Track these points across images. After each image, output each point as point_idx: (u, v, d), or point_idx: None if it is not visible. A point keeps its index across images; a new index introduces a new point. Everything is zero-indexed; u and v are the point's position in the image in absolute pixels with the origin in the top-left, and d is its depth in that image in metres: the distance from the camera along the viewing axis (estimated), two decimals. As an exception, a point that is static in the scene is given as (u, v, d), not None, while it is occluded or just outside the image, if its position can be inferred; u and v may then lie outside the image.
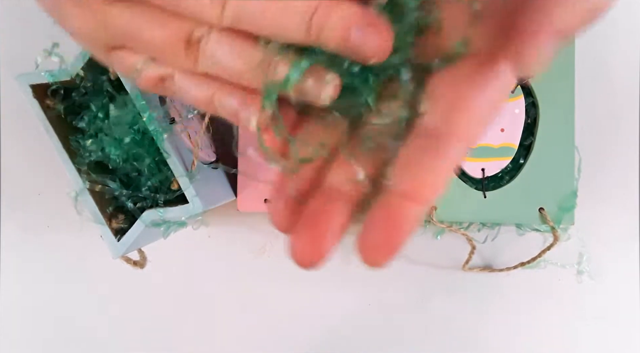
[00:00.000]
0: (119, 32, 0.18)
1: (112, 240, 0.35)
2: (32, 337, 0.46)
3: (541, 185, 0.37)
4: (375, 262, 0.19)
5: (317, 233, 0.19)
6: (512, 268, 0.40)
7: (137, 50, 0.19)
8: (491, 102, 0.18)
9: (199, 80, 0.19)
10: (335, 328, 0.43)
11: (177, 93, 0.20)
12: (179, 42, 0.18)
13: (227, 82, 0.19)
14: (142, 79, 0.20)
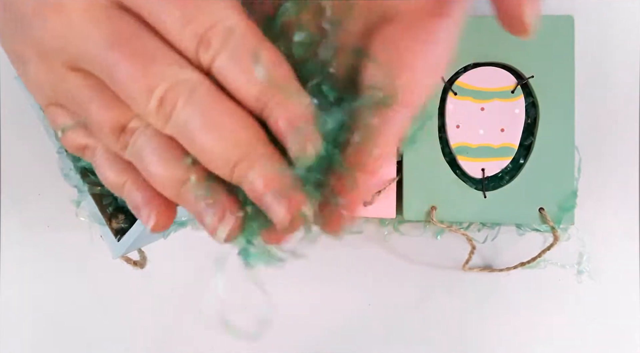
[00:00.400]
0: (66, 95, 0.19)
1: (112, 240, 0.35)
2: (32, 337, 0.46)
3: (541, 185, 0.37)
4: (338, 227, 0.21)
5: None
6: (512, 268, 0.40)
7: (72, 116, 0.20)
8: (436, 56, 0.19)
9: (117, 164, 0.20)
10: (335, 328, 0.43)
11: (94, 165, 0.21)
12: (116, 125, 0.18)
13: (142, 177, 0.19)
14: (66, 139, 0.20)
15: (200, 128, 0.17)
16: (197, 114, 0.17)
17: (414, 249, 0.42)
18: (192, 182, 0.18)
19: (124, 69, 0.17)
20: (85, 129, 0.20)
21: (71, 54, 0.18)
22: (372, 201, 0.38)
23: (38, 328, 0.46)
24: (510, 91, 0.37)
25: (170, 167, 0.18)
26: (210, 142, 0.17)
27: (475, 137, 0.37)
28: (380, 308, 0.43)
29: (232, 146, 0.17)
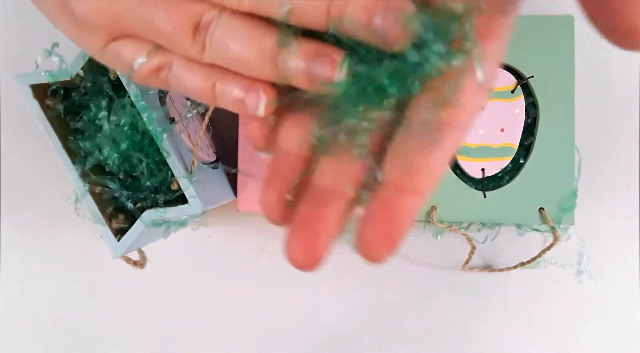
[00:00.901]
0: (128, 15, 0.18)
1: (112, 240, 0.35)
2: (32, 337, 0.46)
3: (541, 185, 0.37)
4: (375, 257, 0.19)
5: (311, 235, 0.19)
6: (512, 268, 0.40)
7: (144, 36, 0.19)
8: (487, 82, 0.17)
9: (200, 68, 0.19)
10: (335, 328, 0.43)
11: (173, 83, 0.20)
12: (188, 26, 0.18)
13: (230, 71, 0.19)
14: (140, 69, 0.19)
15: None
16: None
17: (414, 249, 0.42)
18: (289, 47, 0.17)
19: None
20: (156, 50, 0.19)
21: None
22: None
23: (38, 328, 0.46)
24: (510, 91, 0.37)
25: (260, 41, 0.17)
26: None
27: (475, 137, 0.37)
28: (380, 308, 0.43)
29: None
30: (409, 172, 0.18)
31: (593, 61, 0.41)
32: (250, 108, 0.19)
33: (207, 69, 0.19)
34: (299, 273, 0.46)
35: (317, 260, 0.19)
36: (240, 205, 0.40)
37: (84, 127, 0.35)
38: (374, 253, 0.19)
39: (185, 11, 0.17)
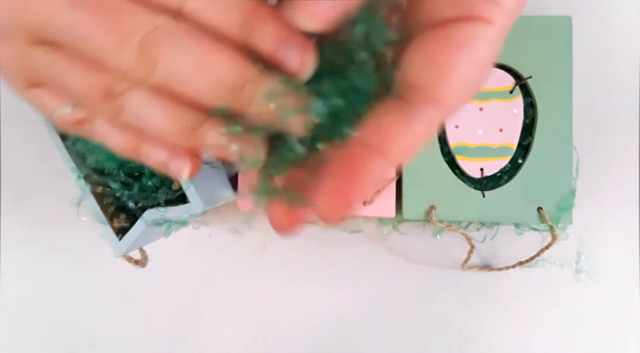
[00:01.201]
0: (41, 71, 0.18)
1: (114, 239, 0.35)
2: (33, 336, 0.46)
3: (539, 185, 0.37)
4: (330, 215, 0.18)
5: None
6: (511, 267, 0.40)
7: (57, 92, 0.18)
8: (480, 63, 0.18)
9: (122, 129, 0.19)
10: (335, 328, 0.43)
11: (98, 137, 0.19)
12: (104, 90, 0.17)
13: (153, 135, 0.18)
14: (61, 119, 0.19)
15: (192, 68, 0.16)
16: (183, 56, 0.16)
17: (413, 248, 0.42)
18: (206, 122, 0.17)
19: (92, 26, 0.16)
20: (74, 106, 0.18)
21: (33, 24, 0.16)
22: (371, 200, 0.38)
23: (39, 328, 0.46)
24: (508, 91, 0.37)
25: (176, 116, 0.17)
26: (204, 78, 0.16)
27: (474, 137, 0.38)
28: (379, 308, 0.43)
29: (228, 74, 0.16)
30: (382, 135, 0.18)
31: (591, 61, 0.41)
32: (175, 173, 0.19)
33: (131, 130, 0.19)
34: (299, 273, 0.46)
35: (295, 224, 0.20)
36: (240, 205, 0.40)
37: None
38: (330, 210, 0.18)
39: (101, 75, 0.17)
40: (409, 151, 0.18)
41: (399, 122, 0.18)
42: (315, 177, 0.18)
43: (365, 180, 0.18)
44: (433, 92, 0.18)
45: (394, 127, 0.18)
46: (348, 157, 0.18)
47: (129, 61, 0.16)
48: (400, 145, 0.18)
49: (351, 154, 0.18)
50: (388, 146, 0.18)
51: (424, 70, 0.18)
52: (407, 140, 0.18)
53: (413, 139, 0.18)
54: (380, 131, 0.18)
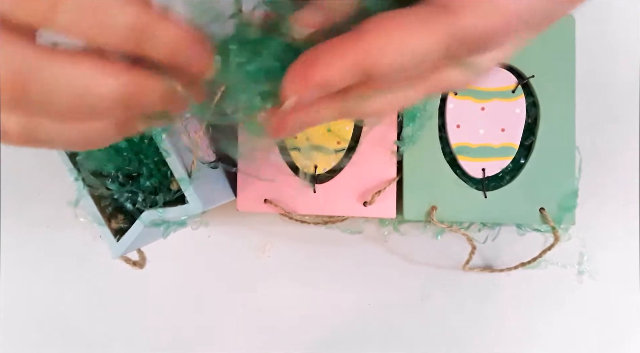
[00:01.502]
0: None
1: (112, 240, 0.35)
2: (32, 337, 0.46)
3: (542, 185, 0.37)
4: (289, 91, 0.17)
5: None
6: (513, 268, 0.40)
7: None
8: None
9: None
10: (335, 328, 0.43)
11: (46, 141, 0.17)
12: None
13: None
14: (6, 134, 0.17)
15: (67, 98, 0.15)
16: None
17: (414, 249, 0.42)
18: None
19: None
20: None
21: None
22: (372, 201, 0.37)
23: (38, 328, 0.46)
24: (510, 91, 0.37)
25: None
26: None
27: (475, 136, 0.37)
28: (380, 308, 0.43)
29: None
30: (369, 24, 0.16)
31: (594, 61, 0.41)
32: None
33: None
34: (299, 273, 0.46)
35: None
36: (240, 205, 0.39)
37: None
38: (289, 86, 0.17)
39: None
40: (393, 48, 0.15)
41: (396, 18, 0.16)
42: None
43: (334, 62, 0.16)
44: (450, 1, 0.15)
45: (388, 19, 0.16)
46: (328, 41, 0.16)
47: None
48: (383, 35, 0.15)
49: (332, 39, 0.16)
50: (369, 32, 0.16)
51: None
52: (394, 35, 0.15)
53: (403, 37, 0.15)
54: (374, 19, 0.16)
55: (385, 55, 0.16)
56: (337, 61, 0.16)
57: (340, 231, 0.42)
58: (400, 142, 0.38)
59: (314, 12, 0.18)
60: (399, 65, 0.16)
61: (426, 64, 0.16)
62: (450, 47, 0.16)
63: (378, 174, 0.38)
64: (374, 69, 0.16)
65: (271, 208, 0.39)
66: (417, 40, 0.15)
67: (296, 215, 0.40)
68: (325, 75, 0.16)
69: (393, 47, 0.15)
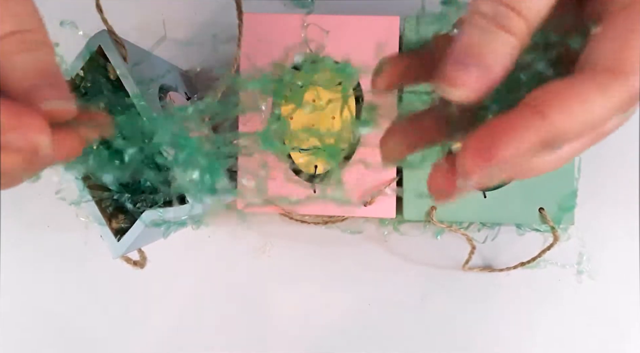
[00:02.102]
0: None
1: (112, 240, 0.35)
2: (32, 337, 0.46)
3: (541, 186, 0.37)
4: (471, 167, 0.17)
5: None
6: (512, 268, 0.40)
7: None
8: None
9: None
10: (335, 328, 0.43)
11: None
12: None
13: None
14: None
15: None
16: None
17: (414, 249, 0.42)
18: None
19: None
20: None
21: None
22: (372, 201, 0.38)
23: (37, 329, 0.46)
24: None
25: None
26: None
27: (475, 137, 0.37)
28: (380, 308, 0.43)
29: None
30: (547, 94, 0.17)
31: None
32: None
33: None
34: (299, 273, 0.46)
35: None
36: (240, 205, 0.40)
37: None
38: (470, 159, 0.17)
39: None
40: (576, 119, 0.16)
41: (571, 88, 0.16)
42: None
43: (517, 137, 0.16)
44: (618, 65, 0.16)
45: (563, 91, 0.16)
46: (504, 114, 0.17)
47: None
48: (565, 109, 0.16)
49: (508, 112, 0.17)
50: (551, 107, 0.16)
51: (613, 50, 0.16)
52: (575, 106, 0.16)
53: (584, 106, 0.16)
54: (547, 91, 0.17)
55: (571, 127, 0.16)
56: (521, 138, 0.16)
57: (340, 231, 0.43)
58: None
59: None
60: (582, 133, 0.17)
61: (602, 125, 0.17)
62: (624, 106, 0.17)
63: (378, 174, 0.38)
64: (559, 141, 0.17)
65: (272, 208, 0.39)
66: (598, 107, 0.16)
67: (296, 215, 0.40)
68: (510, 152, 0.16)
69: (578, 119, 0.16)
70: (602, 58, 0.17)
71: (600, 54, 0.17)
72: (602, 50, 0.17)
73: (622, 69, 0.16)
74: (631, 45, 0.16)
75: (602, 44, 0.17)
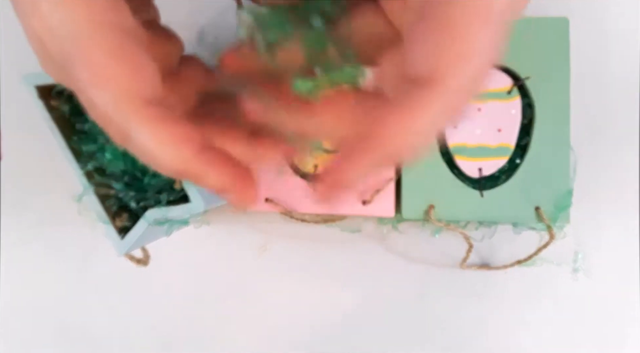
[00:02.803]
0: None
1: (116, 238, 0.35)
2: (34, 335, 0.46)
3: (537, 185, 0.37)
4: (325, 197, 0.20)
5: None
6: (509, 266, 0.41)
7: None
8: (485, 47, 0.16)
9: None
10: (335, 327, 0.43)
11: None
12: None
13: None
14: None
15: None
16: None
17: (412, 247, 0.43)
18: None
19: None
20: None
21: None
22: (370, 200, 0.38)
23: (40, 327, 0.46)
24: (506, 92, 0.38)
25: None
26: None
27: (472, 137, 0.38)
28: (378, 306, 0.43)
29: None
30: (379, 127, 0.18)
31: (588, 62, 0.41)
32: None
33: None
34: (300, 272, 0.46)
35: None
36: (241, 204, 0.40)
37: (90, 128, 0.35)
38: (323, 191, 0.20)
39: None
40: (406, 139, 0.18)
41: (396, 114, 0.17)
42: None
43: (358, 169, 0.19)
44: (433, 73, 0.16)
45: (388, 117, 0.17)
46: (346, 148, 0.19)
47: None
48: (402, 138, 0.17)
49: (350, 144, 0.19)
50: (387, 139, 0.18)
51: (426, 55, 0.17)
52: (400, 132, 0.17)
53: (411, 129, 0.17)
54: (373, 122, 0.18)
55: (406, 148, 0.18)
56: (360, 167, 0.19)
57: (340, 230, 0.43)
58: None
59: None
60: (416, 144, 0.18)
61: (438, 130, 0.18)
62: (452, 111, 0.17)
63: (377, 173, 0.38)
64: (398, 158, 0.18)
65: (272, 207, 0.39)
66: (425, 123, 0.17)
67: (296, 214, 0.40)
68: (352, 179, 0.19)
69: (410, 141, 0.18)
70: (417, 66, 0.17)
71: (415, 60, 0.17)
72: (417, 57, 0.17)
73: (434, 77, 0.16)
74: (443, 46, 0.16)
75: (416, 48, 0.17)
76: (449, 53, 0.16)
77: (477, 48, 0.16)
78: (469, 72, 0.16)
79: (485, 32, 0.16)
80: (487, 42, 0.16)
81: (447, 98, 0.17)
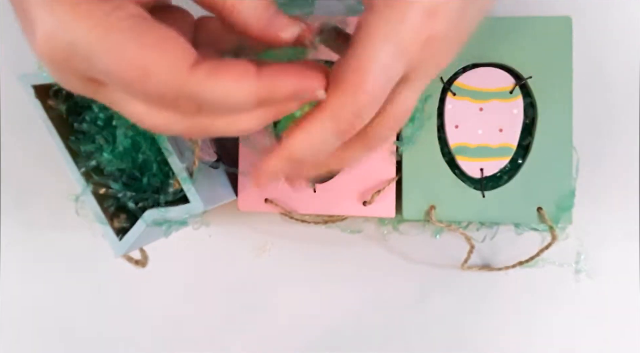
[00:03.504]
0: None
1: (114, 239, 0.35)
2: (33, 336, 0.46)
3: (539, 185, 0.37)
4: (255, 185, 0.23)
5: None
6: (511, 267, 0.41)
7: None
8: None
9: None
10: (335, 328, 0.43)
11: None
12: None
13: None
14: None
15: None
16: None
17: (413, 248, 0.43)
18: None
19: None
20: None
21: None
22: (371, 200, 0.38)
23: (38, 328, 0.46)
24: (508, 92, 0.37)
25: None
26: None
27: (474, 137, 0.38)
28: (379, 307, 0.43)
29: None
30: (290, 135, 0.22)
31: (591, 62, 0.41)
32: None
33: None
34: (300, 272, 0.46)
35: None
36: (240, 205, 0.40)
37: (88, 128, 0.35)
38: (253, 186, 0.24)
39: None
40: (311, 154, 0.21)
41: (308, 122, 0.21)
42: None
43: (270, 171, 0.22)
44: (345, 80, 0.20)
45: (301, 123, 0.21)
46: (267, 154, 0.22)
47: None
48: (300, 141, 0.21)
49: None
50: (289, 141, 0.21)
51: (346, 65, 0.20)
52: (305, 145, 0.21)
53: (308, 143, 0.21)
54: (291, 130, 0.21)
55: (306, 156, 0.22)
56: (272, 168, 0.22)
57: (340, 230, 0.43)
58: (399, 142, 0.38)
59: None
60: (316, 153, 0.22)
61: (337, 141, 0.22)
62: (342, 126, 0.21)
63: (377, 173, 0.38)
64: (303, 161, 0.22)
65: (272, 208, 0.39)
66: (315, 138, 0.21)
67: (296, 215, 0.40)
68: (269, 175, 0.23)
69: (307, 151, 0.21)
70: (336, 71, 0.20)
71: (337, 66, 0.20)
72: (340, 63, 0.20)
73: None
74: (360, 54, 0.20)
75: (345, 56, 0.20)
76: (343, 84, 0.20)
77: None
78: (355, 99, 0.20)
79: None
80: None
81: (339, 118, 0.20)
